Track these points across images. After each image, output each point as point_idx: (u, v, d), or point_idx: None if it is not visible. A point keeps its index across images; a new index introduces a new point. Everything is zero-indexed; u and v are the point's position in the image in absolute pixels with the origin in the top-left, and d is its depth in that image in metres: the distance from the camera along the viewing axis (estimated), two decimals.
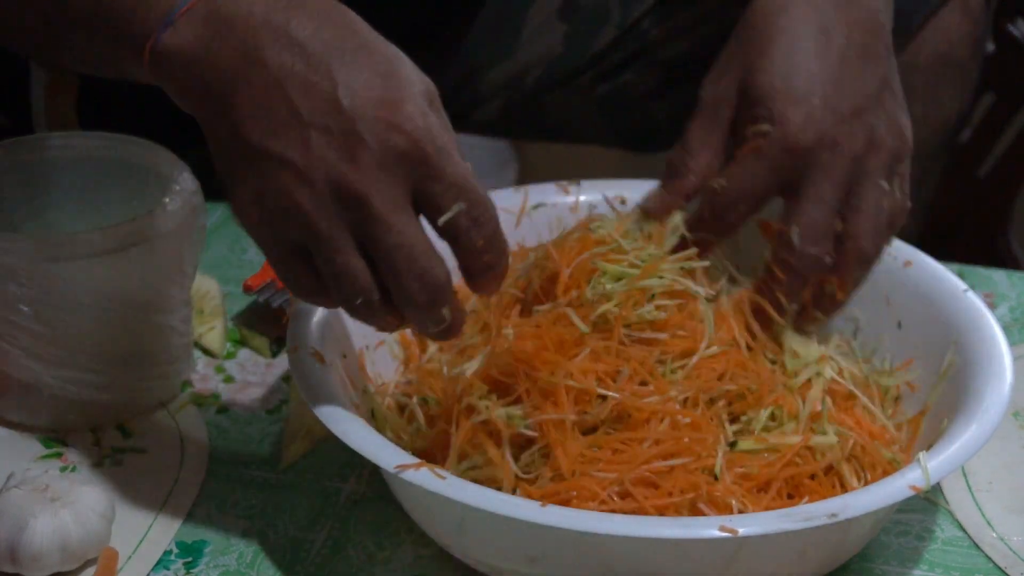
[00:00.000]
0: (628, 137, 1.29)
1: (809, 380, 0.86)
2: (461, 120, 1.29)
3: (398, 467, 0.77)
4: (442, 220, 0.75)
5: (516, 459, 0.81)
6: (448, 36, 1.22)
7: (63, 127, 1.11)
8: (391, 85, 0.74)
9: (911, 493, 0.77)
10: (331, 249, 0.74)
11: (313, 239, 0.75)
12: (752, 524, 0.74)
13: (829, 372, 0.87)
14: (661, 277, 0.85)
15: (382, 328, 0.79)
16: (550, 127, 1.29)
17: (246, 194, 0.76)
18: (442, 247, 0.76)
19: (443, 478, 0.76)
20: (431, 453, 0.84)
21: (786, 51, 0.89)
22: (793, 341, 0.89)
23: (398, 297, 0.76)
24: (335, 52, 0.74)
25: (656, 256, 0.86)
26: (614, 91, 1.23)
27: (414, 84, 0.75)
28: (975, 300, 0.91)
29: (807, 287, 0.88)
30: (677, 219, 0.90)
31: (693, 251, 0.89)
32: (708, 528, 0.74)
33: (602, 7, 1.20)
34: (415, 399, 0.89)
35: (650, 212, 0.90)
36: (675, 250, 0.89)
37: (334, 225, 0.74)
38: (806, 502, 0.79)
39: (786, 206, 0.88)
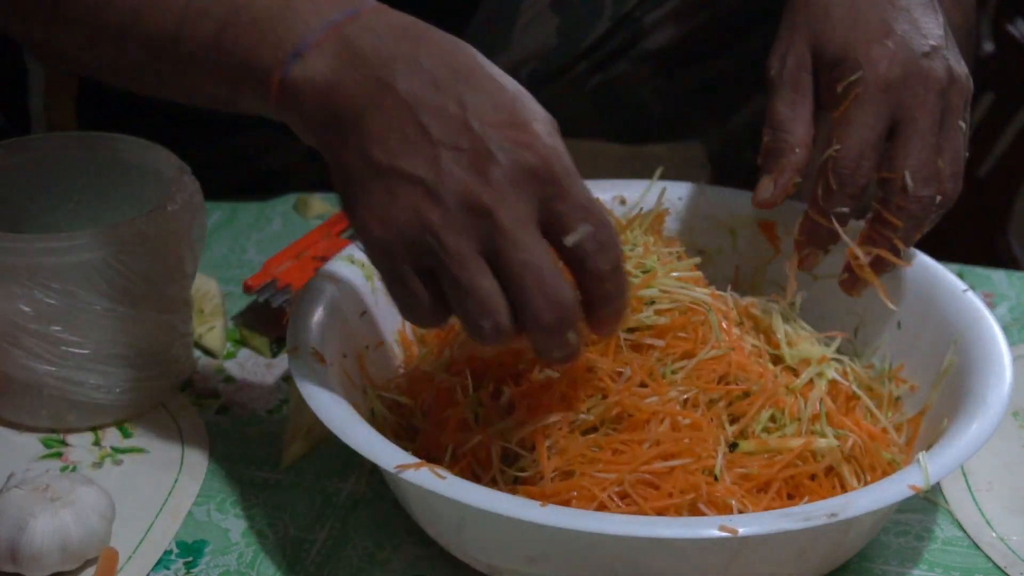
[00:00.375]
0: (622, 130, 1.29)
1: (811, 381, 0.86)
2: None
3: (398, 467, 0.77)
4: (570, 240, 0.74)
5: (516, 458, 0.81)
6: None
7: (62, 128, 1.11)
8: (518, 109, 0.74)
9: (910, 493, 0.77)
10: (460, 266, 0.73)
11: (442, 255, 0.73)
12: (752, 524, 0.74)
13: (831, 373, 0.87)
14: (661, 286, 0.85)
15: (499, 348, 0.79)
16: None
17: (372, 213, 0.75)
18: None
19: (443, 478, 0.76)
20: (431, 452, 0.84)
21: (848, 7, 0.88)
22: (798, 338, 0.89)
23: (525, 318, 0.74)
24: (462, 80, 0.75)
25: (658, 263, 0.86)
26: (607, 83, 1.23)
27: (539, 111, 0.76)
28: (975, 300, 0.91)
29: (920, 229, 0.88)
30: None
31: (695, 260, 0.88)
32: (708, 528, 0.74)
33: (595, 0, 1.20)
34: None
35: (766, 203, 0.88)
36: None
37: (463, 241, 0.73)
38: (806, 502, 0.79)
39: (890, 150, 0.87)
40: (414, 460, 0.77)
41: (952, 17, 1.13)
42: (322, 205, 1.18)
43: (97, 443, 0.93)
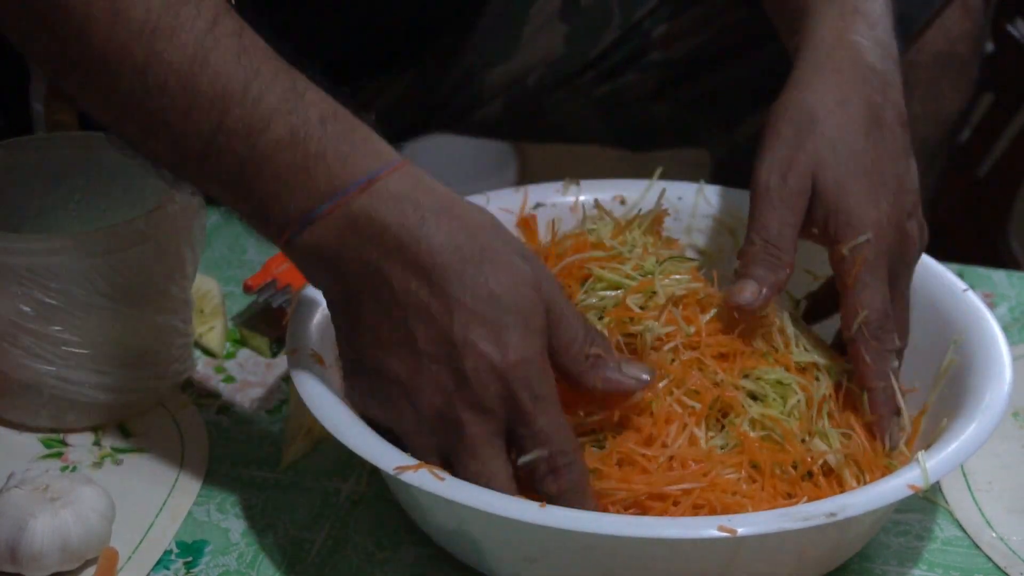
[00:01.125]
0: (628, 137, 1.29)
1: (816, 377, 0.86)
2: (462, 120, 1.29)
3: (397, 468, 0.77)
4: (520, 461, 0.77)
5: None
6: (451, 37, 1.22)
7: (63, 131, 1.11)
8: (502, 313, 0.76)
9: (910, 492, 0.77)
10: (419, 452, 0.79)
11: (409, 448, 0.79)
12: (751, 524, 0.74)
13: (834, 376, 0.87)
14: (654, 292, 0.85)
15: None
16: (550, 127, 1.29)
17: (359, 386, 0.81)
18: None
19: (442, 479, 0.76)
20: None
21: (850, 153, 0.88)
22: (802, 342, 0.89)
23: None
24: (455, 275, 0.76)
25: (655, 265, 0.86)
26: (614, 92, 1.23)
27: (525, 303, 0.77)
28: (975, 299, 0.91)
29: None
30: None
31: (692, 264, 0.89)
32: (707, 528, 0.74)
33: (604, 8, 1.20)
34: None
35: (748, 307, 0.86)
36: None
37: (428, 445, 0.78)
38: (805, 502, 0.79)
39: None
40: (413, 462, 0.77)
41: (962, 27, 1.17)
42: None
43: (97, 443, 0.93)
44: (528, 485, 0.78)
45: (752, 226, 0.88)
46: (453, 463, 0.78)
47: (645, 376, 0.80)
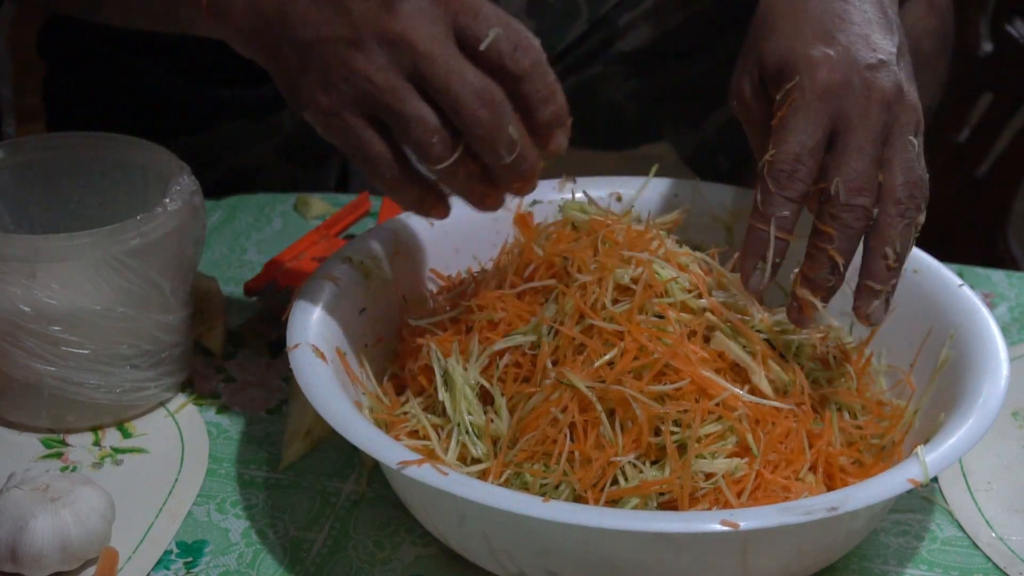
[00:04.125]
0: (596, 133, 1.28)
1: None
2: None
3: (401, 463, 0.77)
4: (482, 46, 0.79)
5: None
6: None
7: (31, 115, 1.11)
8: None
9: (909, 487, 0.77)
10: (395, 97, 0.80)
11: (378, 95, 0.80)
12: (753, 518, 0.74)
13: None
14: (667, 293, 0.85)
15: (471, 193, 0.83)
16: None
17: (314, 90, 0.82)
18: None
19: (445, 474, 0.76)
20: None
21: (793, 19, 0.86)
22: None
23: (463, 124, 0.80)
24: None
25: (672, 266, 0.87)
26: (581, 86, 1.23)
27: None
28: (970, 295, 0.91)
29: (858, 244, 0.84)
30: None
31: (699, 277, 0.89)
32: (709, 523, 0.74)
33: (571, 2, 1.19)
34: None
35: (760, 290, 0.85)
36: None
37: (392, 75, 0.80)
38: (805, 496, 0.80)
39: (826, 161, 0.84)
40: (416, 456, 0.77)
41: (927, 23, 1.13)
42: (322, 205, 1.18)
43: (97, 443, 0.93)
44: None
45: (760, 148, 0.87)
46: (426, 85, 0.79)
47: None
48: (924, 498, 0.90)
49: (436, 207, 0.86)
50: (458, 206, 0.87)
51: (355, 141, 0.82)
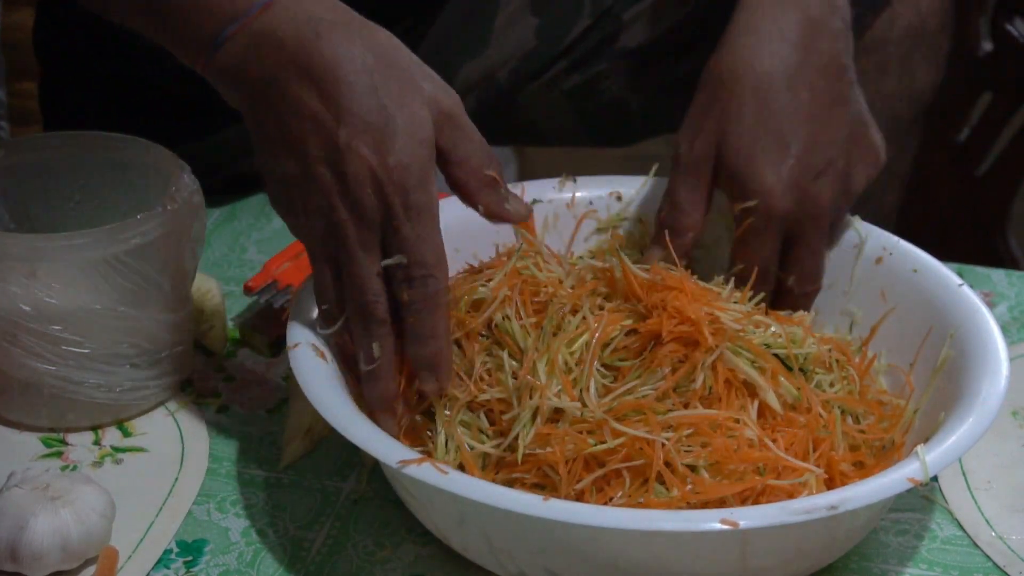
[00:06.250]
0: (601, 129, 1.28)
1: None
2: None
3: (401, 462, 0.77)
4: (382, 263, 0.82)
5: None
6: (416, 28, 1.21)
7: (26, 117, 1.11)
8: (389, 129, 0.80)
9: (909, 485, 0.77)
10: (315, 260, 0.84)
11: (308, 248, 0.84)
12: (753, 517, 0.74)
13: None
14: None
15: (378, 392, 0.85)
16: (523, 125, 1.28)
17: (271, 193, 0.85)
18: None
19: (446, 473, 0.76)
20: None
21: (756, 115, 0.94)
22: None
23: (350, 312, 0.83)
24: (346, 85, 0.81)
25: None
26: (586, 83, 1.23)
27: (413, 115, 0.81)
28: (970, 294, 0.91)
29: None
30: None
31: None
32: (709, 521, 0.74)
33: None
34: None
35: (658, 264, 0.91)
36: None
37: (321, 252, 0.83)
38: (806, 495, 0.80)
39: (784, 257, 0.95)
40: (416, 456, 0.77)
41: (931, 2, 1.16)
42: None
43: (97, 443, 0.93)
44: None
45: (664, 193, 0.96)
46: (340, 269, 0.82)
47: (524, 212, 0.86)
48: (924, 497, 0.90)
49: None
50: (458, 206, 0.86)
51: (308, 248, 0.85)
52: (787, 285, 0.96)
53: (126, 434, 0.94)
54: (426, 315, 0.82)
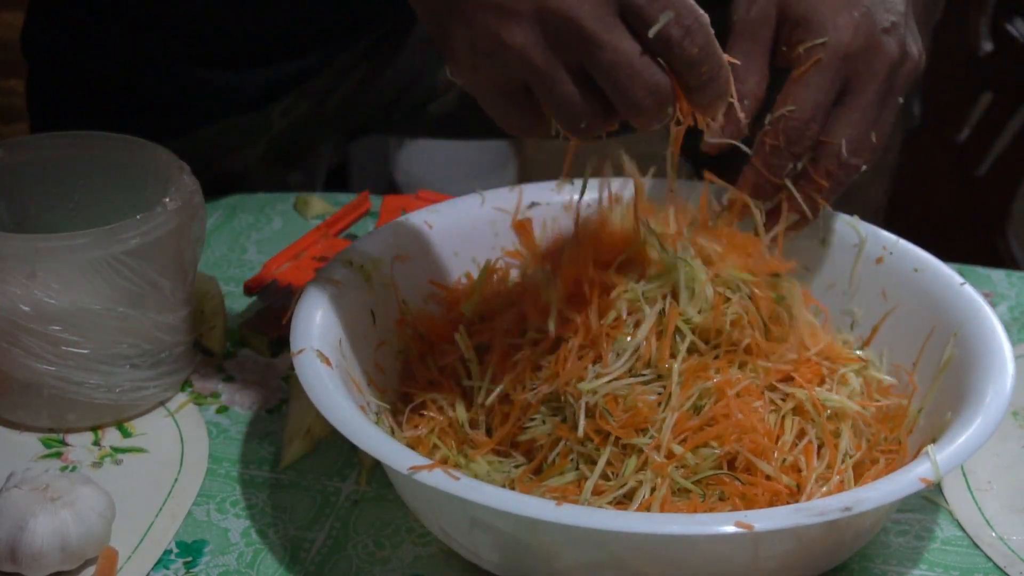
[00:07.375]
0: None
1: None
2: (418, 113, 1.28)
3: (412, 468, 0.76)
4: (652, 31, 0.75)
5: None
6: (396, 31, 1.21)
7: (13, 119, 1.11)
8: None
9: (921, 486, 0.76)
10: (546, 80, 0.76)
11: (527, 73, 0.76)
12: (767, 520, 0.74)
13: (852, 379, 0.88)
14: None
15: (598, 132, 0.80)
16: None
17: (459, 46, 0.78)
18: None
19: (457, 479, 0.76)
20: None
21: None
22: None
23: (625, 107, 0.77)
24: None
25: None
26: None
27: None
28: (972, 293, 0.91)
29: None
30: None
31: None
32: (723, 524, 0.73)
33: None
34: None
35: (711, 148, 0.88)
36: None
37: (548, 56, 0.75)
38: (815, 495, 0.80)
39: (834, 115, 0.90)
40: (427, 461, 0.77)
41: None
42: (322, 205, 1.18)
43: (97, 443, 0.93)
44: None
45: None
46: (587, 67, 0.75)
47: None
48: (925, 498, 0.90)
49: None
50: (458, 207, 0.86)
51: (492, 105, 0.79)
52: (835, 152, 0.89)
53: (126, 434, 0.94)
54: (708, 59, 0.77)
